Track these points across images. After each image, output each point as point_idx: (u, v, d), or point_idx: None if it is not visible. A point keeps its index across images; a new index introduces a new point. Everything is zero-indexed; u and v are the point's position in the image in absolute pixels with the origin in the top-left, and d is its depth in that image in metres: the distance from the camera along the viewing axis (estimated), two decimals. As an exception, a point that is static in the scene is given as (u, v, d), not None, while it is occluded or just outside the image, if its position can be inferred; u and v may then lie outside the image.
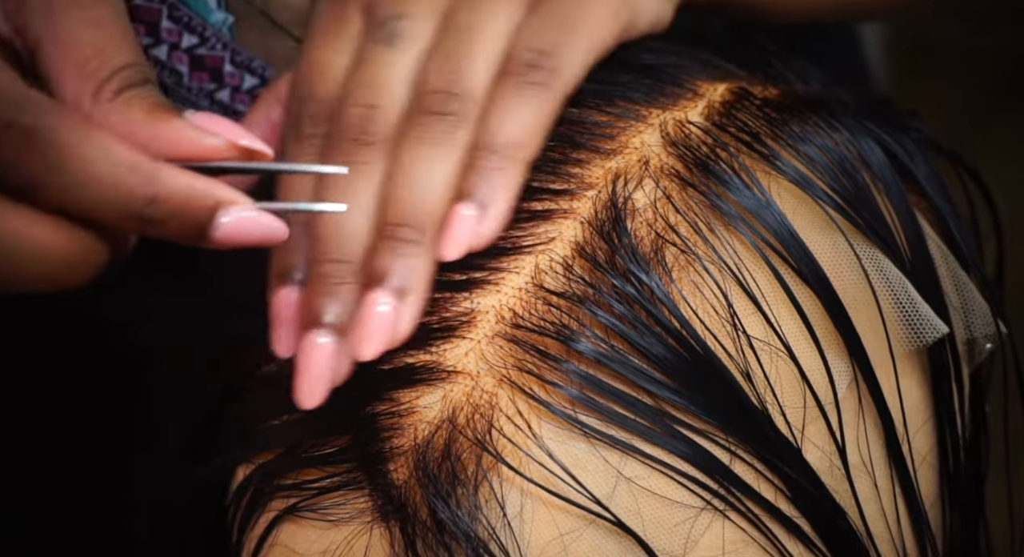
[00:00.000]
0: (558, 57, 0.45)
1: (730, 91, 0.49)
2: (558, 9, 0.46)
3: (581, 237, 0.44)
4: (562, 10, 0.46)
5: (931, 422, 0.47)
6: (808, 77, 0.53)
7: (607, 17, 0.47)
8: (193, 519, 0.52)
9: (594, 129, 0.46)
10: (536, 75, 0.45)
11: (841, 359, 0.44)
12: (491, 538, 0.40)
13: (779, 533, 0.42)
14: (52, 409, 0.77)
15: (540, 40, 0.45)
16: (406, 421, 0.42)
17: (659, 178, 0.45)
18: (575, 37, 0.46)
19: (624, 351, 0.42)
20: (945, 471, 0.47)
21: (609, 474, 0.41)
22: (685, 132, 0.46)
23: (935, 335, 0.46)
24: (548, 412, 0.41)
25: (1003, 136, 1.82)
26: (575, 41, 0.46)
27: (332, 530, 0.43)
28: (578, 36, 0.46)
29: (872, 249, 0.46)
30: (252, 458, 0.46)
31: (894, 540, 0.45)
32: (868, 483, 0.44)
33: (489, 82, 0.45)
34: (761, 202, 0.45)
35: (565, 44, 0.45)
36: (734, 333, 0.43)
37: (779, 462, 0.42)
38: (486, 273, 0.44)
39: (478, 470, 0.41)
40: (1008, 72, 2.04)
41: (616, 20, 0.48)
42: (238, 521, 0.46)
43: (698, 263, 0.43)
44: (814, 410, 0.43)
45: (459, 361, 0.42)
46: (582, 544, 0.41)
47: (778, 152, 0.46)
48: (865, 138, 0.48)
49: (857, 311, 0.45)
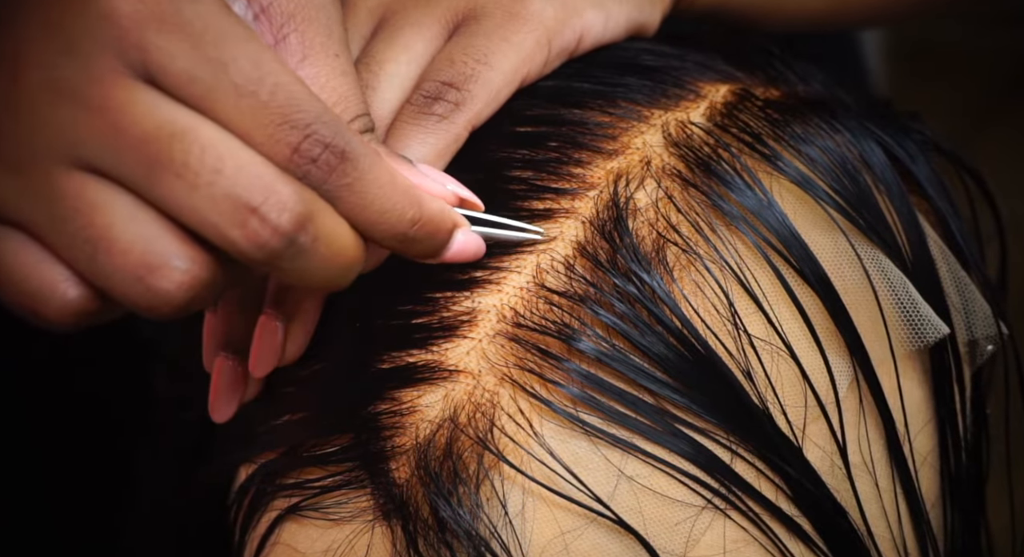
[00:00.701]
0: (465, 90, 0.46)
1: (732, 92, 0.49)
2: (476, 40, 0.47)
3: (583, 236, 0.44)
4: (479, 41, 0.47)
5: (932, 423, 0.47)
6: (809, 79, 0.53)
7: (528, 47, 0.48)
8: (194, 519, 0.52)
9: (596, 130, 0.47)
10: (438, 107, 0.46)
11: (842, 359, 0.44)
12: (493, 536, 0.40)
13: (780, 532, 0.42)
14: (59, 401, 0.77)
15: (448, 72, 0.46)
16: (408, 420, 0.42)
17: (661, 178, 0.45)
18: (487, 69, 0.46)
19: (625, 350, 0.42)
20: (946, 472, 0.47)
21: (610, 473, 0.41)
22: (687, 133, 0.46)
23: (936, 335, 0.46)
24: (550, 411, 0.41)
25: (1004, 137, 1.82)
26: (486, 73, 0.46)
27: (334, 529, 0.43)
28: (491, 67, 0.47)
29: (873, 249, 0.46)
30: (254, 458, 0.46)
31: (895, 540, 0.45)
32: (869, 483, 0.44)
33: (392, 116, 0.46)
34: (763, 202, 0.45)
35: (474, 77, 0.46)
36: (735, 332, 0.43)
37: (780, 461, 0.42)
38: (487, 272, 0.44)
39: (480, 469, 0.41)
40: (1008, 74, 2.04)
41: (540, 48, 0.48)
42: (240, 521, 0.46)
43: (699, 262, 0.43)
44: (815, 409, 0.43)
45: (461, 360, 0.42)
46: (583, 542, 0.41)
47: (780, 153, 0.46)
48: (867, 139, 0.48)
49: (858, 311, 0.45)
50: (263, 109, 0.37)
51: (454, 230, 0.41)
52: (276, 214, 0.36)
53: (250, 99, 0.36)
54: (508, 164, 0.46)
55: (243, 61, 0.36)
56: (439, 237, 0.41)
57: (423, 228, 0.40)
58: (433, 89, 0.46)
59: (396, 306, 0.44)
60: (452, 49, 0.47)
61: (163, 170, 0.36)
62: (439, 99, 0.46)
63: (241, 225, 0.36)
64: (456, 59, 0.47)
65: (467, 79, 0.46)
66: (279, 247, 0.37)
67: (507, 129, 0.47)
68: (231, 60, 0.36)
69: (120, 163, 0.36)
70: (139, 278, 0.37)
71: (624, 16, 0.51)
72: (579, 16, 0.49)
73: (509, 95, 0.47)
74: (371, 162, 0.38)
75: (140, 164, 0.36)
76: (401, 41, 0.48)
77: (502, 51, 0.47)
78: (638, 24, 0.52)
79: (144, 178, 0.36)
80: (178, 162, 0.36)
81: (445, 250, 0.42)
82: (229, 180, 0.36)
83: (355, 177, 0.38)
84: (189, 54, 0.36)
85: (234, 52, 0.36)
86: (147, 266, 0.37)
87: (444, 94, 0.46)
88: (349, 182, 0.38)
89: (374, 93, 0.47)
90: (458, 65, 0.46)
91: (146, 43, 0.36)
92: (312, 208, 0.37)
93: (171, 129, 0.36)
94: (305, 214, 0.37)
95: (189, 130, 0.36)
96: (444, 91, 0.46)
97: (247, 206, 0.36)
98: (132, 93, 0.36)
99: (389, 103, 0.47)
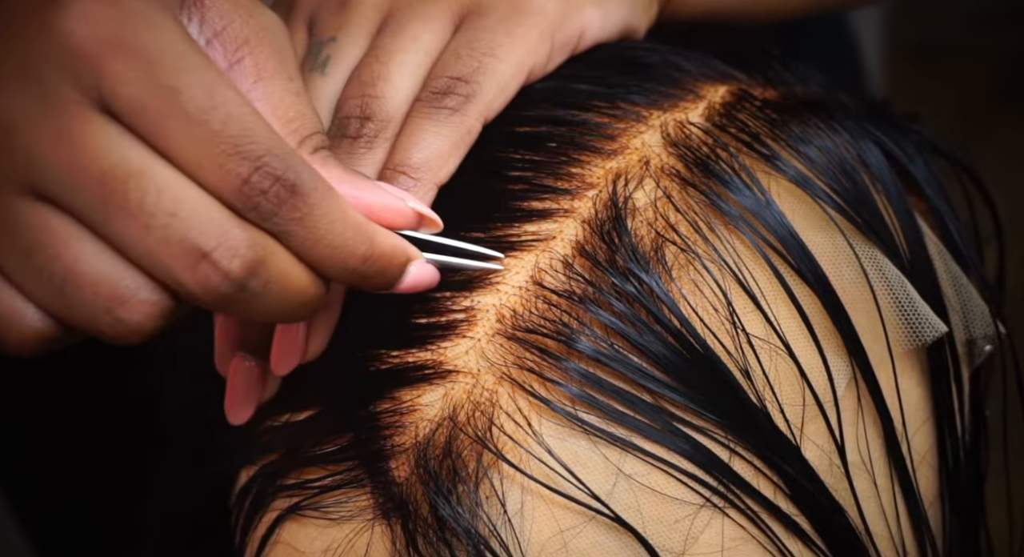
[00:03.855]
0: (474, 83, 0.46)
1: (730, 92, 0.49)
2: (481, 34, 0.47)
3: (581, 236, 0.44)
4: (485, 35, 0.47)
5: (930, 422, 0.47)
6: (807, 80, 0.54)
7: (533, 39, 0.48)
8: (200, 525, 0.52)
9: (595, 130, 0.47)
10: (449, 101, 0.46)
11: (840, 358, 0.44)
12: (492, 535, 0.40)
13: (778, 530, 0.42)
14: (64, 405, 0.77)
15: (456, 67, 0.47)
16: (407, 419, 0.42)
17: (659, 178, 0.45)
18: (495, 61, 0.47)
19: (624, 349, 0.42)
20: (944, 471, 0.48)
21: (609, 471, 0.41)
22: (686, 133, 0.47)
23: (934, 334, 0.46)
24: (548, 410, 0.41)
25: (1002, 138, 1.83)
26: (494, 65, 0.47)
27: (334, 528, 0.43)
28: (499, 60, 0.47)
29: (871, 249, 0.46)
30: (255, 460, 0.46)
31: (893, 539, 0.45)
32: (867, 482, 0.44)
33: (406, 105, 0.47)
34: (761, 202, 0.45)
35: (481, 69, 0.46)
36: (734, 331, 0.43)
37: (778, 460, 0.42)
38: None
39: (479, 467, 0.41)
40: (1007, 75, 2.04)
41: (544, 41, 0.48)
42: (241, 522, 0.46)
43: (698, 262, 0.43)
44: (813, 408, 0.43)
45: (460, 359, 0.43)
46: (582, 540, 0.41)
47: (778, 152, 0.46)
48: (865, 140, 0.48)
49: (856, 310, 0.45)
50: (214, 138, 0.36)
51: (407, 264, 0.41)
52: (227, 260, 0.37)
53: (201, 128, 0.36)
54: (507, 164, 0.46)
55: (196, 89, 0.36)
56: (392, 271, 0.41)
57: (375, 263, 0.40)
58: (443, 85, 0.46)
59: (395, 306, 0.44)
60: (458, 44, 0.48)
61: (118, 209, 0.36)
62: (449, 93, 0.46)
63: (192, 268, 0.36)
64: (463, 53, 0.47)
65: (475, 72, 0.46)
66: (229, 291, 0.37)
67: (506, 129, 0.47)
68: (184, 87, 0.36)
69: (78, 197, 0.37)
70: (108, 310, 0.37)
71: (620, 17, 0.51)
72: (580, 12, 0.49)
73: (518, 87, 0.48)
74: (322, 196, 0.38)
75: (97, 201, 0.36)
76: (409, 33, 0.48)
77: (508, 44, 0.47)
78: (630, 27, 0.52)
79: (100, 214, 0.37)
80: (134, 203, 0.36)
81: (399, 283, 0.41)
82: (183, 224, 0.36)
83: (305, 212, 0.38)
84: (142, 80, 0.36)
85: (188, 80, 0.36)
86: (117, 299, 0.37)
87: (454, 88, 0.46)
88: (299, 216, 0.38)
89: (387, 83, 0.47)
90: (465, 59, 0.47)
91: (101, 68, 0.36)
92: (263, 252, 0.37)
93: (127, 169, 0.36)
94: (256, 259, 0.37)
95: (145, 170, 0.36)
96: (454, 85, 0.46)
97: (199, 251, 0.36)
98: (90, 126, 0.36)
99: (402, 92, 0.47)
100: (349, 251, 0.39)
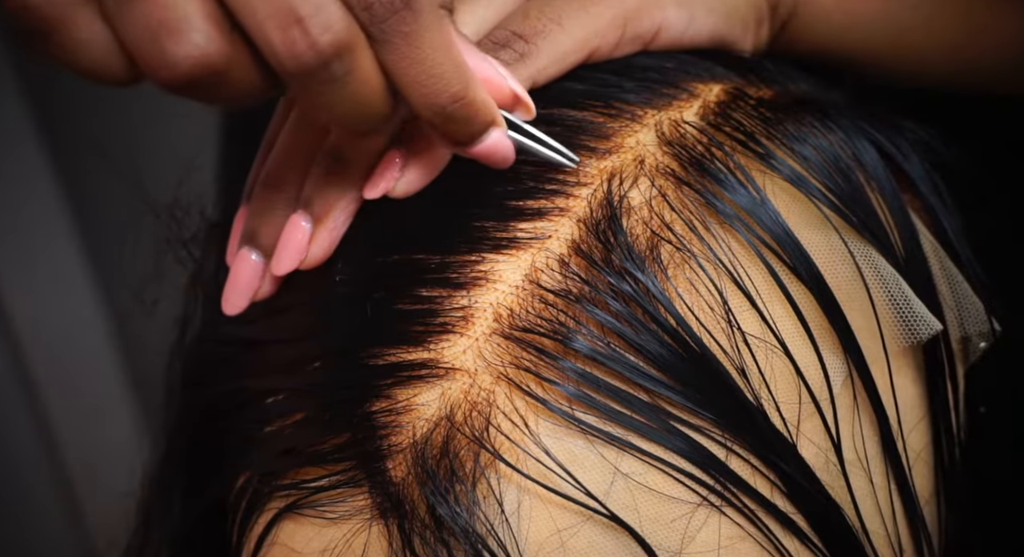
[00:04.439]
0: (532, 44, 0.46)
1: (725, 91, 0.49)
2: (554, 1, 0.48)
3: (577, 235, 0.44)
4: (557, 2, 0.48)
5: (926, 419, 0.47)
6: (800, 80, 0.54)
7: (604, 20, 0.48)
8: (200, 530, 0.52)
9: (590, 129, 0.47)
10: (502, 53, 0.46)
11: (836, 356, 0.44)
12: (489, 534, 0.40)
13: (775, 528, 0.42)
14: None
15: (521, 24, 0.47)
16: (404, 419, 0.42)
17: (654, 177, 0.45)
18: (559, 29, 0.47)
19: (620, 348, 0.42)
20: (940, 468, 0.48)
21: (606, 470, 0.41)
22: (680, 132, 0.47)
23: (929, 332, 0.46)
24: (545, 409, 0.41)
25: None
26: (557, 33, 0.47)
27: (331, 528, 0.43)
28: (564, 29, 0.47)
29: (866, 247, 0.46)
30: (252, 460, 0.46)
31: (890, 536, 0.45)
32: (864, 479, 0.45)
33: None
34: (756, 200, 0.45)
35: (544, 33, 0.47)
36: (729, 330, 0.43)
37: (775, 458, 0.42)
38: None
39: (476, 467, 0.41)
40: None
41: (615, 26, 0.48)
42: (238, 523, 0.46)
43: (693, 261, 0.43)
44: (809, 406, 0.43)
45: (457, 359, 0.43)
46: (579, 540, 0.41)
47: (773, 151, 0.46)
48: (859, 138, 0.49)
49: (852, 308, 0.45)
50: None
51: (491, 125, 0.41)
52: (319, 31, 0.36)
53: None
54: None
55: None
56: (476, 124, 0.41)
57: (463, 108, 0.40)
58: (502, 37, 0.46)
59: (392, 304, 0.44)
60: (530, 5, 0.48)
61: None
62: (506, 46, 0.46)
63: (283, 29, 0.36)
64: (531, 14, 0.47)
65: (536, 34, 0.47)
66: (311, 64, 0.37)
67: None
68: None
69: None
70: (155, 37, 0.36)
71: (709, 26, 0.51)
72: (661, 9, 0.50)
73: (576, 63, 0.48)
74: (434, 21, 0.38)
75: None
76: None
77: (577, 17, 0.47)
78: (723, 38, 0.52)
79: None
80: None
81: (477, 141, 0.42)
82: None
83: (414, 28, 0.38)
84: None
85: None
86: (167, 27, 0.36)
87: (511, 43, 0.46)
88: (406, 31, 0.38)
89: None
90: (532, 19, 0.47)
91: None
92: (356, 41, 0.37)
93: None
94: (346, 43, 0.37)
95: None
96: (512, 40, 0.46)
97: (295, 14, 0.36)
98: None
99: None
100: (443, 85, 0.39)
